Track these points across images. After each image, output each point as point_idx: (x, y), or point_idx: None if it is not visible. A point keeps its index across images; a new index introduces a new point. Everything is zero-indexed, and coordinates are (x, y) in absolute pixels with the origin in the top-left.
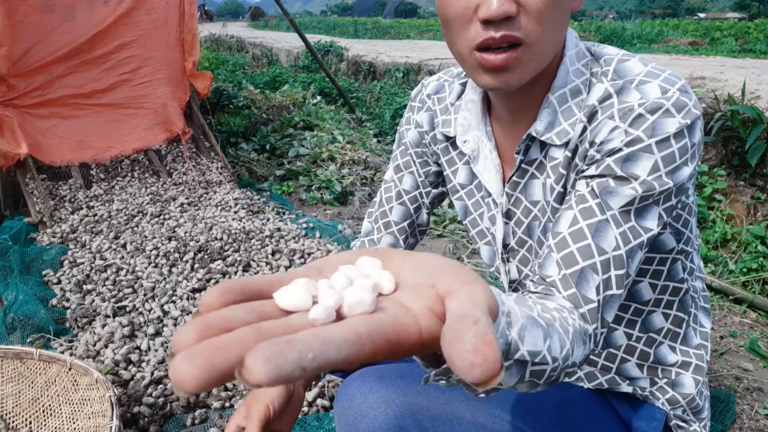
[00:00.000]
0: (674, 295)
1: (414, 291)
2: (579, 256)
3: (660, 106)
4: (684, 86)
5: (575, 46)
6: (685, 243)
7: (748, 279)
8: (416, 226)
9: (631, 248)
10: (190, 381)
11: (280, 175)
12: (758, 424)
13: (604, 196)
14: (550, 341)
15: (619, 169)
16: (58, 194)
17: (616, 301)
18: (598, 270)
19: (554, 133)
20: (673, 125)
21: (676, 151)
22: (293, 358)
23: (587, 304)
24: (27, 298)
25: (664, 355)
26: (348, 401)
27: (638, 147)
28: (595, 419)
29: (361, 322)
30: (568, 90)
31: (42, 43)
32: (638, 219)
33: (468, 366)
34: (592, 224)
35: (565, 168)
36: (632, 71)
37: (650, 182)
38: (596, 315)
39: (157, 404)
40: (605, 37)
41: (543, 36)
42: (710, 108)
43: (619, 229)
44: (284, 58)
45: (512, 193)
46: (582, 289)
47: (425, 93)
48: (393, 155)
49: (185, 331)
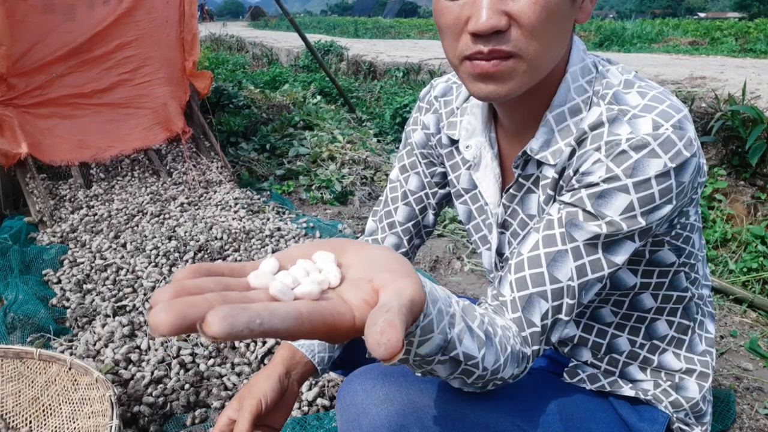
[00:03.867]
0: (678, 303)
1: (355, 285)
2: (530, 282)
3: (646, 144)
4: (680, 122)
5: (581, 60)
6: (687, 257)
7: (748, 279)
8: (422, 227)
9: (587, 281)
10: (165, 326)
11: (280, 174)
12: (758, 423)
13: (569, 228)
14: (486, 351)
15: (590, 204)
16: (58, 194)
17: (561, 325)
18: (547, 297)
19: (549, 152)
20: (655, 167)
21: (656, 192)
22: (244, 320)
23: (530, 327)
24: (27, 298)
25: (668, 362)
26: (350, 398)
27: (614, 185)
28: (596, 420)
29: (304, 305)
30: (567, 108)
31: (42, 42)
32: (606, 252)
33: (375, 344)
34: (550, 253)
35: (553, 189)
36: (629, 102)
37: (618, 223)
38: (538, 338)
39: (157, 404)
40: (605, 37)
41: (537, 50)
42: (710, 108)
43: (578, 262)
44: (284, 57)
45: (509, 205)
46: (527, 314)
47: (433, 94)
48: (399, 155)
49: (163, 290)
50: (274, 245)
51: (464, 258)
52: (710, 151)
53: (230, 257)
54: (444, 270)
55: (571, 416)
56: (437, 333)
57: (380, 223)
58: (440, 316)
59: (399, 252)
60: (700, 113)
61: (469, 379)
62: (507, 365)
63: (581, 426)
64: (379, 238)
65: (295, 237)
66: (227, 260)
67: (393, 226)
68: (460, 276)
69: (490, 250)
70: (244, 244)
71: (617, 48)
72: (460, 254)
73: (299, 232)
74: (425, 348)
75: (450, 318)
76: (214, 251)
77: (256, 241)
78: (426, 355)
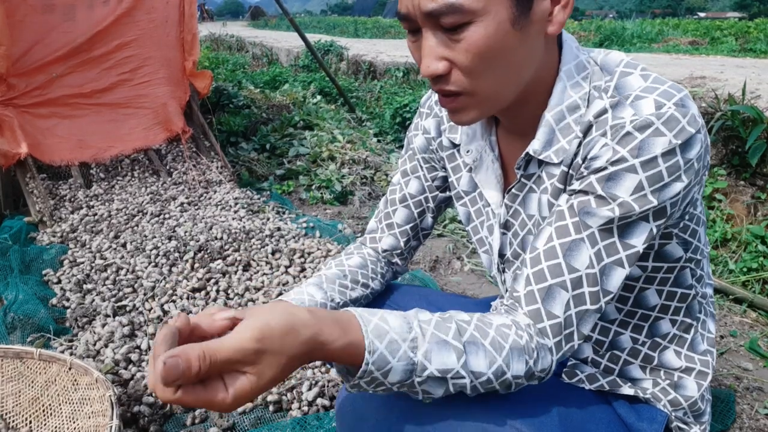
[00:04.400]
0: (682, 301)
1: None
2: (548, 273)
3: (650, 123)
4: (682, 100)
5: (575, 58)
6: (693, 252)
7: (748, 278)
8: (420, 230)
9: (605, 265)
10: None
11: (280, 174)
12: (758, 423)
13: (583, 216)
14: (468, 358)
15: (601, 188)
16: (58, 194)
17: (590, 315)
18: (567, 287)
19: (552, 152)
20: (661, 145)
21: (664, 170)
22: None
23: (550, 319)
24: (27, 298)
25: (668, 360)
26: (349, 404)
27: (622, 167)
28: (595, 421)
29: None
30: (565, 107)
31: (42, 42)
32: (622, 236)
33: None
34: (565, 243)
35: (562, 182)
36: (631, 86)
37: (630, 203)
38: (560, 329)
39: (157, 404)
40: (605, 37)
41: (483, 87)
42: (710, 107)
43: (595, 248)
44: (284, 57)
45: (511, 205)
46: (548, 305)
47: (434, 99)
48: (401, 159)
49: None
50: (274, 245)
51: (464, 258)
52: (710, 150)
53: (230, 257)
54: (444, 270)
55: (569, 417)
56: (396, 361)
57: (380, 224)
58: (393, 346)
59: (396, 252)
60: (700, 113)
61: (468, 390)
62: (512, 362)
63: (580, 427)
64: (377, 237)
65: (295, 237)
66: (227, 260)
67: (391, 227)
68: (460, 276)
69: (488, 253)
70: (244, 244)
71: (617, 48)
72: (460, 254)
73: (299, 232)
74: (393, 376)
75: (411, 343)
76: (214, 251)
77: (256, 241)
78: (401, 382)
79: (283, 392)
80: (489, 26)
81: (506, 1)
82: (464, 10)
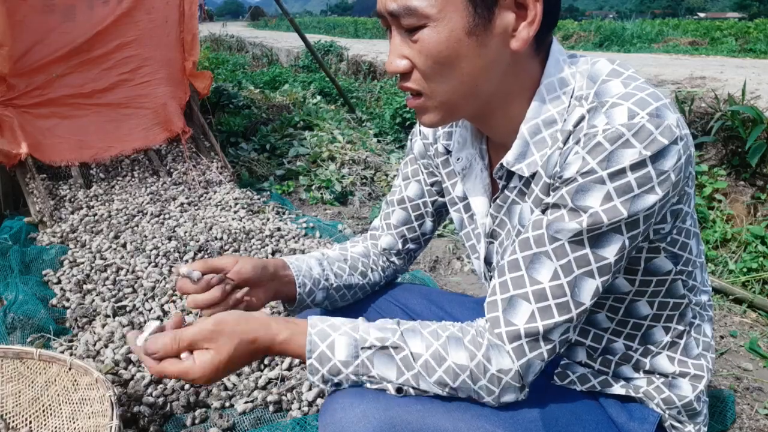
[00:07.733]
0: (674, 309)
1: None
2: (511, 284)
3: (620, 135)
4: (657, 109)
5: (559, 71)
6: (684, 264)
7: (748, 279)
8: (419, 234)
9: (575, 277)
10: None
11: (280, 174)
12: (758, 424)
13: (552, 230)
14: (405, 337)
15: (571, 200)
16: (58, 194)
17: (561, 326)
18: (530, 299)
19: (525, 164)
20: (630, 156)
21: (633, 181)
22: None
23: (508, 326)
24: (27, 298)
25: (661, 365)
26: (330, 416)
27: (591, 178)
28: (582, 423)
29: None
30: (541, 120)
31: (42, 42)
32: (594, 247)
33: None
34: (527, 256)
35: (545, 193)
36: (610, 92)
37: (599, 214)
38: (518, 337)
39: (157, 404)
40: (605, 37)
41: (435, 90)
42: (710, 108)
43: (562, 260)
44: (284, 57)
45: (496, 215)
46: (508, 314)
47: None
48: (403, 162)
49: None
50: (273, 245)
51: (464, 258)
52: (710, 151)
53: None
54: (444, 270)
55: (555, 420)
56: (337, 335)
57: (381, 222)
58: (335, 324)
59: (393, 251)
60: (700, 113)
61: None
62: (449, 348)
63: (565, 430)
64: (377, 234)
65: (295, 237)
66: None
67: (389, 227)
68: (460, 276)
69: (478, 259)
70: (244, 244)
71: (617, 48)
72: (460, 254)
73: (299, 232)
74: (339, 351)
75: (351, 324)
76: (214, 251)
77: (256, 241)
78: (349, 357)
79: (283, 392)
80: (441, 32)
81: (462, 10)
82: (418, 14)
